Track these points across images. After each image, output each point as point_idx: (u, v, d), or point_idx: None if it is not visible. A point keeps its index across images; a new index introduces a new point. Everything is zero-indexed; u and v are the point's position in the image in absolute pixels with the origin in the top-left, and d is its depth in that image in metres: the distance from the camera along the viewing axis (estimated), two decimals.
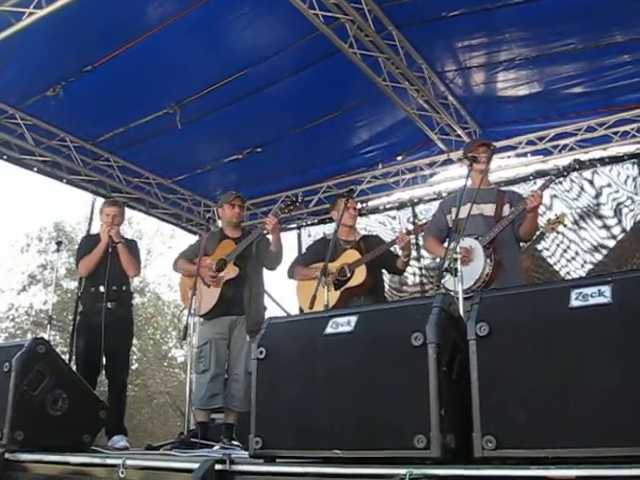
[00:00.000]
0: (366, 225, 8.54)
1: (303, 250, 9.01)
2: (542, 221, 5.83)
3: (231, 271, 5.44)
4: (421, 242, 6.65)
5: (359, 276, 5.44)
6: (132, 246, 5.75)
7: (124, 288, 5.63)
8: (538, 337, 2.24)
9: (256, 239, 5.57)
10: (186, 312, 5.46)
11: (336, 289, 5.45)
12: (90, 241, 5.74)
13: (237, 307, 5.43)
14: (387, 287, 6.49)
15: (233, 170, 8.56)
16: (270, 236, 5.62)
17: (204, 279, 5.43)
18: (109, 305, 5.41)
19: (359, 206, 5.78)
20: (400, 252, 5.44)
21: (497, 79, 6.93)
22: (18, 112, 7.18)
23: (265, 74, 6.69)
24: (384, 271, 5.87)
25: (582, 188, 7.31)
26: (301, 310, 6.14)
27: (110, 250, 5.50)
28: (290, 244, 9.55)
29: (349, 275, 5.45)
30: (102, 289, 5.44)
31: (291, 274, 5.82)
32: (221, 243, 5.55)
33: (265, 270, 5.74)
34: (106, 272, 5.43)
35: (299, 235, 9.54)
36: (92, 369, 5.32)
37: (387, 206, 8.87)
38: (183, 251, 5.90)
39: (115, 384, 5.52)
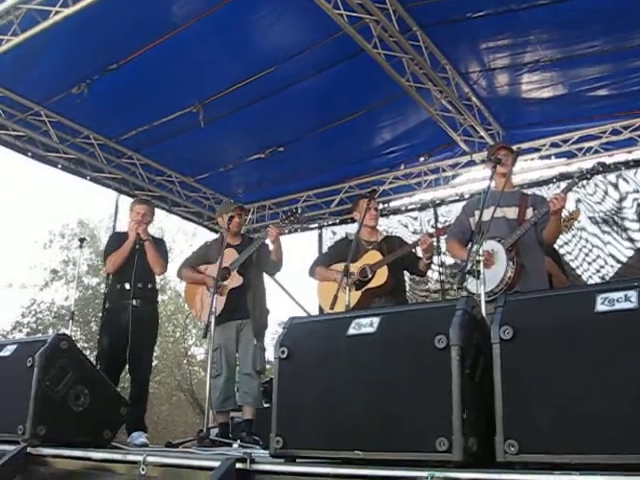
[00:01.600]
0: (387, 226, 8.51)
1: (324, 250, 9.03)
2: None
3: (235, 280, 5.55)
4: (442, 245, 6.62)
5: (380, 277, 5.42)
6: (159, 244, 5.79)
7: (150, 286, 5.65)
8: (563, 341, 2.22)
9: (257, 249, 5.67)
10: (193, 314, 5.62)
11: (357, 289, 5.45)
12: (118, 238, 5.78)
13: (242, 312, 5.58)
14: (407, 288, 6.42)
15: (255, 169, 8.59)
16: (271, 244, 5.74)
17: (209, 288, 5.47)
18: (134, 302, 5.44)
19: (380, 207, 5.75)
20: (422, 254, 5.42)
21: (521, 81, 6.89)
22: (43, 109, 7.25)
23: (289, 73, 6.71)
24: (406, 272, 5.87)
25: (606, 192, 7.24)
26: (321, 310, 6.16)
27: (137, 247, 5.55)
28: (311, 244, 9.58)
29: (370, 276, 5.44)
30: (128, 286, 5.48)
31: (312, 273, 5.85)
32: (225, 251, 5.54)
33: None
34: (133, 269, 5.47)
35: (320, 235, 9.55)
36: (115, 366, 5.37)
37: (409, 207, 8.84)
38: (187, 259, 6.00)
39: (138, 381, 5.54)
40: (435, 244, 5.59)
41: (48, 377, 3.57)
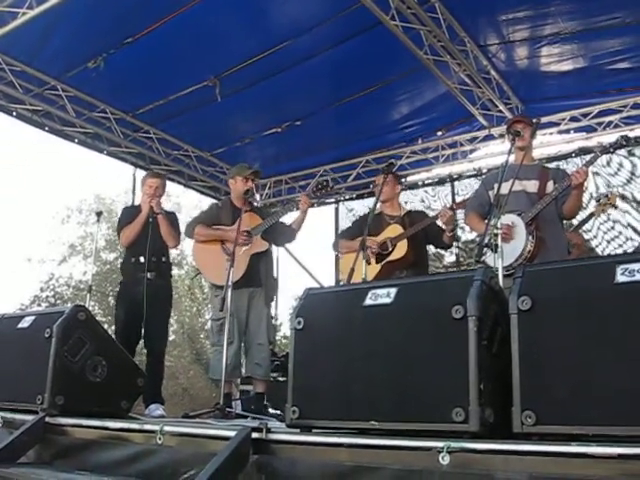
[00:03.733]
0: (405, 200, 8.48)
1: (341, 225, 9.08)
2: (592, 203, 5.74)
3: (258, 244, 5.52)
4: (459, 219, 6.59)
5: (400, 250, 5.45)
6: (172, 218, 5.78)
7: (164, 259, 5.67)
8: (582, 312, 2.20)
9: (283, 215, 5.69)
10: (205, 274, 5.73)
11: (377, 262, 5.46)
12: (131, 212, 5.79)
13: (255, 280, 5.55)
14: None
15: (272, 143, 8.56)
16: (299, 213, 5.76)
17: (229, 248, 5.36)
18: (149, 275, 5.46)
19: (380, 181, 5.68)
20: (443, 227, 5.41)
21: (541, 54, 6.79)
22: (60, 83, 7.26)
23: (305, 47, 6.66)
24: (431, 247, 5.90)
25: (622, 165, 7.17)
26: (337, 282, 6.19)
27: (151, 221, 5.56)
28: (327, 219, 9.57)
29: (391, 249, 5.45)
30: (142, 259, 5.50)
31: (336, 247, 5.92)
32: (244, 214, 5.38)
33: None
34: (147, 243, 5.48)
35: (337, 210, 9.54)
36: (131, 338, 5.40)
37: (426, 182, 8.81)
38: (198, 217, 5.87)
39: (153, 354, 5.57)
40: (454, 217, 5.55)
41: (66, 348, 3.58)
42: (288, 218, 5.88)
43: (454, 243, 5.78)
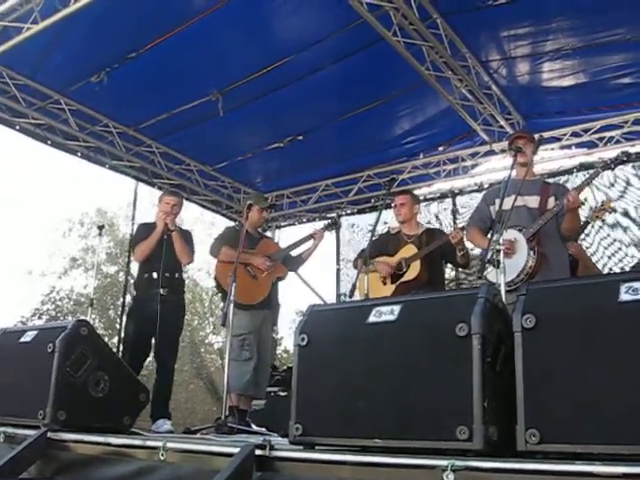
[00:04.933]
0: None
1: (342, 239, 9.13)
2: (586, 210, 5.75)
3: (281, 270, 5.86)
4: None
5: (413, 271, 5.49)
6: (187, 235, 5.85)
7: (177, 275, 5.71)
8: (586, 330, 2.20)
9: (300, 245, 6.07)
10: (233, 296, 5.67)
11: (392, 283, 5.50)
12: (147, 228, 5.82)
13: (271, 303, 5.88)
14: None
15: (274, 158, 8.58)
16: (311, 245, 6.08)
17: (252, 270, 5.67)
18: (162, 292, 5.50)
19: (399, 201, 5.77)
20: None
21: (542, 69, 6.81)
22: (63, 97, 7.30)
23: (308, 62, 6.68)
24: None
25: (629, 182, 7.18)
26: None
27: (165, 238, 5.59)
28: (330, 233, 9.58)
29: (405, 269, 5.48)
30: (155, 275, 5.53)
31: (356, 266, 5.97)
32: (262, 241, 5.87)
33: None
34: (161, 259, 5.52)
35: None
36: (140, 353, 5.45)
37: (427, 196, 8.81)
38: (222, 236, 5.94)
39: (164, 369, 5.60)
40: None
41: (68, 363, 3.59)
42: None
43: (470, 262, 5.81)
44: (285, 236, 9.91)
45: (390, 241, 5.74)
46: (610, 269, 7.10)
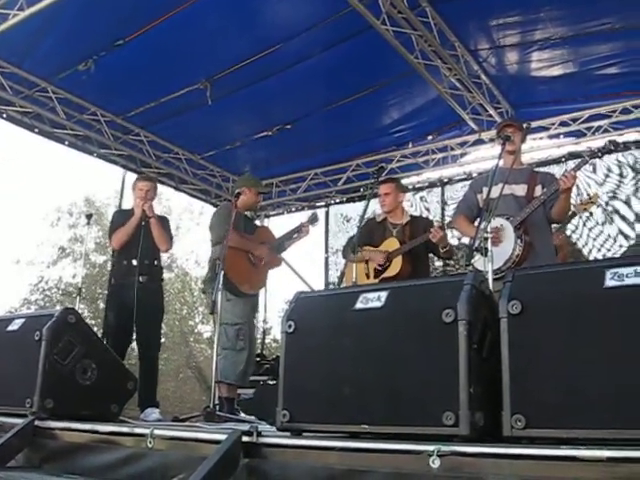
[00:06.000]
0: None
1: (331, 228, 9.15)
2: (574, 201, 5.77)
3: (278, 261, 5.99)
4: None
5: (395, 267, 5.45)
6: (164, 222, 5.79)
7: (155, 263, 5.66)
8: (571, 316, 2.21)
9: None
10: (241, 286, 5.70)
11: (375, 277, 5.48)
12: (123, 215, 5.78)
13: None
14: None
15: (263, 147, 8.56)
16: (298, 236, 6.11)
17: (254, 258, 5.74)
18: (141, 279, 5.44)
19: (384, 191, 5.71)
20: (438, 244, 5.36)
21: (531, 59, 6.83)
22: (50, 85, 7.25)
23: (296, 50, 6.67)
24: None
25: (609, 170, 7.22)
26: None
27: (143, 224, 5.55)
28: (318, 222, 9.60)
29: (387, 264, 5.46)
30: (134, 263, 5.49)
31: (345, 255, 5.99)
32: (260, 228, 5.99)
33: None
34: (139, 246, 5.47)
35: (327, 213, 9.57)
36: (122, 341, 5.39)
37: (416, 185, 8.83)
38: (225, 220, 5.56)
39: (147, 357, 5.56)
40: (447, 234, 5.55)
41: (56, 351, 3.58)
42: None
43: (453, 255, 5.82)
44: (274, 225, 9.91)
45: (375, 229, 5.67)
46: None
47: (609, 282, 2.18)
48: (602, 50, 6.49)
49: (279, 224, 9.75)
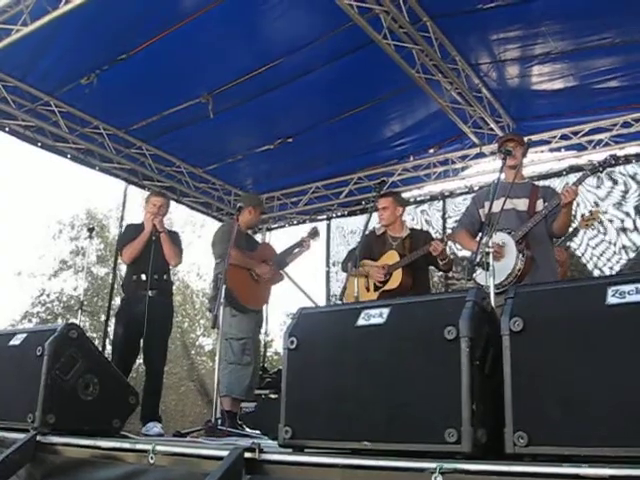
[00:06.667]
0: None
1: (332, 241, 9.14)
2: (576, 216, 5.78)
3: (280, 276, 6.11)
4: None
5: (395, 280, 5.46)
6: (175, 237, 5.82)
7: (165, 277, 5.69)
8: (573, 333, 2.21)
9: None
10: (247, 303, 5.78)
11: (375, 291, 5.49)
12: (134, 229, 5.81)
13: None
14: None
15: (264, 160, 8.58)
16: (300, 251, 6.25)
17: (257, 275, 5.83)
18: (151, 293, 5.47)
19: (382, 205, 5.71)
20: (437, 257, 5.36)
21: (532, 73, 6.83)
22: (53, 99, 7.27)
23: (298, 64, 6.68)
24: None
25: (615, 183, 7.22)
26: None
27: (153, 239, 5.57)
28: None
29: (387, 278, 5.46)
30: (144, 277, 5.51)
31: (345, 269, 5.98)
32: (261, 245, 6.05)
33: None
34: (149, 260, 5.49)
35: (328, 226, 9.55)
36: (129, 355, 5.43)
37: (418, 199, 8.84)
38: (226, 238, 5.63)
39: (153, 372, 5.57)
40: (447, 247, 5.57)
41: (58, 366, 3.58)
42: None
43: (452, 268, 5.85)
44: (275, 238, 9.92)
45: (375, 243, 5.68)
46: (600, 270, 7.14)
47: (611, 299, 2.19)
48: (602, 64, 6.50)
49: (280, 237, 9.78)
